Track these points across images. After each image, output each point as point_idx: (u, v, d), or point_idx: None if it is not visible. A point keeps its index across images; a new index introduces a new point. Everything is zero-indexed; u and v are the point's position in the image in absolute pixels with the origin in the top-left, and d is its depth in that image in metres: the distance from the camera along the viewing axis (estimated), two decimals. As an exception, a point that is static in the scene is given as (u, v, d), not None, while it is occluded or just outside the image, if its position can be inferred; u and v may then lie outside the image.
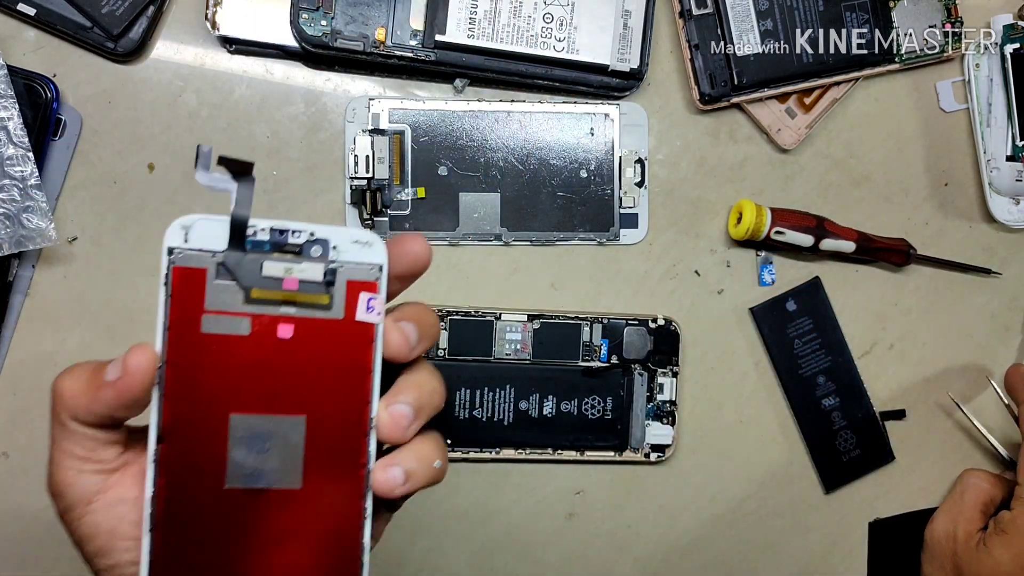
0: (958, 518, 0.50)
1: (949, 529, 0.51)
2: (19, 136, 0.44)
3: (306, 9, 0.46)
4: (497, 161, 0.50)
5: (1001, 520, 0.49)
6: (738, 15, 0.50)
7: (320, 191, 0.50)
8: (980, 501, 0.51)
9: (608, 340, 0.51)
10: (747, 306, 0.53)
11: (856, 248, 0.52)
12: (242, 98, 0.49)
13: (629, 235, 0.52)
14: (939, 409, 0.56)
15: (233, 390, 0.28)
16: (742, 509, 0.54)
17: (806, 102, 0.52)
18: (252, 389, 0.28)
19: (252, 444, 0.28)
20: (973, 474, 0.52)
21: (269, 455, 0.28)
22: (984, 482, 0.51)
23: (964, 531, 0.50)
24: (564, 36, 0.48)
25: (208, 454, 0.28)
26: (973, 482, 0.51)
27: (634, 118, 0.52)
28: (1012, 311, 0.56)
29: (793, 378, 0.53)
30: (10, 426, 0.48)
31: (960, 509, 0.51)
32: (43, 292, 0.48)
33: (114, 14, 0.46)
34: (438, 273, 0.51)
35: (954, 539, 0.50)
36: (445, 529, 0.51)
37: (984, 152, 0.54)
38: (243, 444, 0.28)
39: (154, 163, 0.49)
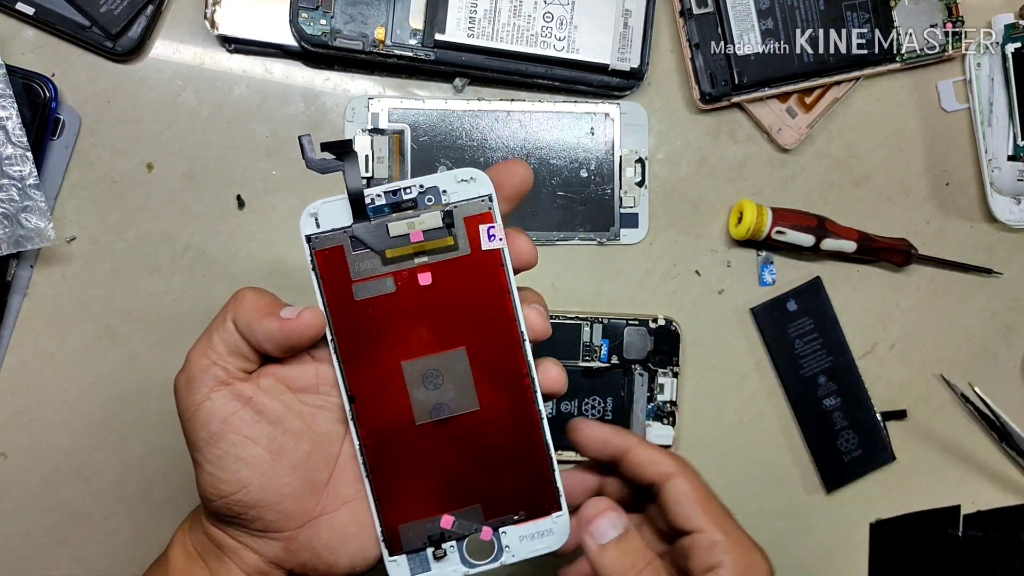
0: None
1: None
2: (18, 136, 0.44)
3: (305, 8, 0.46)
4: (497, 160, 0.50)
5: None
6: (739, 14, 0.50)
7: (320, 191, 0.49)
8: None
9: (608, 340, 0.51)
10: (748, 306, 0.53)
11: (857, 248, 0.52)
12: (241, 97, 0.49)
13: (629, 235, 0.52)
14: (940, 409, 0.56)
15: (397, 341, 0.32)
16: (743, 509, 0.53)
17: (807, 102, 0.52)
18: (412, 336, 0.32)
19: (427, 383, 0.32)
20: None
21: (444, 388, 0.32)
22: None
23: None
24: (564, 35, 0.48)
25: (394, 401, 0.32)
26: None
27: (634, 118, 0.52)
28: (1013, 311, 0.56)
29: (794, 378, 0.53)
30: (9, 426, 0.48)
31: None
32: (42, 292, 0.48)
33: (113, 13, 0.46)
34: (438, 273, 0.51)
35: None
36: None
37: (985, 151, 0.54)
38: (419, 385, 0.32)
39: (153, 163, 0.49)
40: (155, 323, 0.48)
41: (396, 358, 0.32)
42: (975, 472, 0.56)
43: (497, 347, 0.33)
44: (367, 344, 0.32)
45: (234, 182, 0.49)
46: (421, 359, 0.32)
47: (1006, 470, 0.56)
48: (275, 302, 0.32)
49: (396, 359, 0.32)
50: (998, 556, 0.56)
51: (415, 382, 0.32)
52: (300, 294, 0.50)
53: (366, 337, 0.32)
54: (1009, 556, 0.56)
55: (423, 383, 0.32)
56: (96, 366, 0.48)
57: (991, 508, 0.56)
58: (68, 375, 0.48)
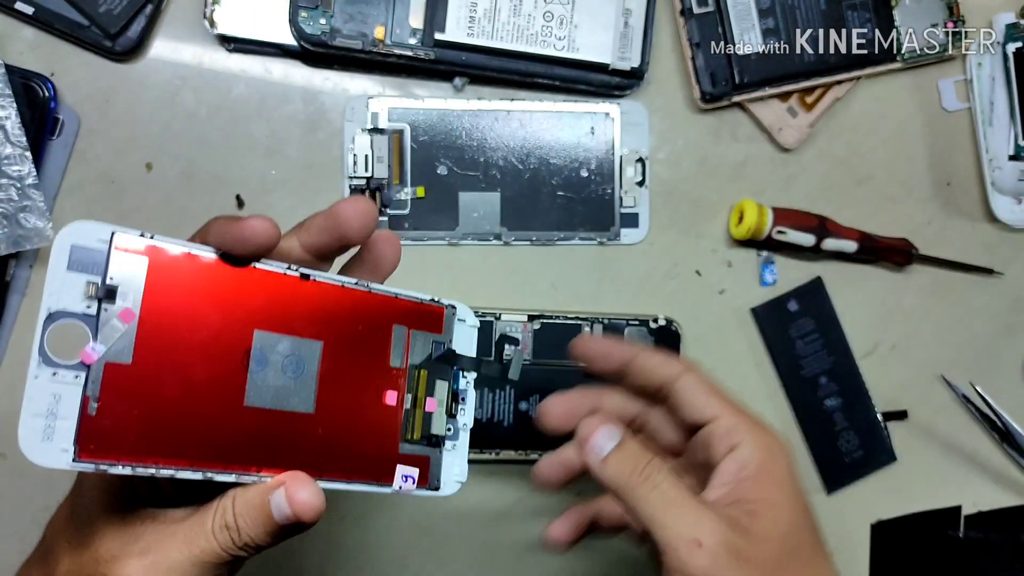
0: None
1: None
2: (16, 135, 0.44)
3: (305, 7, 0.46)
4: (497, 160, 0.50)
5: None
6: (739, 14, 0.50)
7: (319, 190, 0.50)
8: None
9: (609, 340, 0.51)
10: (748, 306, 0.53)
11: (858, 248, 0.52)
12: (241, 97, 0.49)
13: (630, 235, 0.52)
14: (941, 410, 0.56)
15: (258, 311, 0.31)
16: (743, 510, 0.54)
17: (808, 101, 0.52)
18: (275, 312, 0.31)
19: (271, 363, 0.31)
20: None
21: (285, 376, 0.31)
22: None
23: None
24: (564, 34, 0.48)
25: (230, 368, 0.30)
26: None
27: (635, 117, 0.51)
28: (1014, 311, 0.56)
29: (795, 378, 0.53)
30: (9, 426, 0.47)
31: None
32: (41, 292, 0.48)
33: (112, 13, 0.46)
34: (438, 273, 0.51)
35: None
36: (445, 530, 0.51)
37: (986, 151, 0.54)
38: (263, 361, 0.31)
39: (152, 162, 0.49)
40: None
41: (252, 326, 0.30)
42: (976, 473, 0.56)
43: (359, 361, 0.32)
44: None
45: (233, 182, 0.49)
46: (276, 334, 0.30)
47: (1007, 471, 0.56)
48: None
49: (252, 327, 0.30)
50: (999, 557, 0.56)
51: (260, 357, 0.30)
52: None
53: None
54: (1010, 557, 0.56)
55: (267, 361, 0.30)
56: (95, 366, 0.48)
57: (992, 509, 0.56)
58: (67, 375, 0.48)
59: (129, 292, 0.28)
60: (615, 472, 0.33)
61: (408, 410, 0.34)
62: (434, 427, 0.34)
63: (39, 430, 0.27)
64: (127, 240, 0.28)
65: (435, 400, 0.34)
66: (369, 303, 0.33)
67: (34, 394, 0.27)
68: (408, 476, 0.33)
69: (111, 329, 0.28)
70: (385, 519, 0.50)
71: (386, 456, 0.33)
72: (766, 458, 0.33)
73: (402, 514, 0.50)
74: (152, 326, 0.28)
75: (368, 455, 0.33)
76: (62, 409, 0.27)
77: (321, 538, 0.49)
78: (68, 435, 0.27)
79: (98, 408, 0.27)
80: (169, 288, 0.29)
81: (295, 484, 0.28)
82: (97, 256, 0.28)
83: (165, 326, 0.28)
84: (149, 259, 0.28)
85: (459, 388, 0.35)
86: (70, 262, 0.27)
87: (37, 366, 0.27)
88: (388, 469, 0.33)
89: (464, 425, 0.35)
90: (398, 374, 0.33)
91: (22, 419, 0.27)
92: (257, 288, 0.30)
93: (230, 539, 0.29)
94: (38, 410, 0.27)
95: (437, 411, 0.34)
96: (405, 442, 0.33)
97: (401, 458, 0.33)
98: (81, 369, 0.27)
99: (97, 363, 0.27)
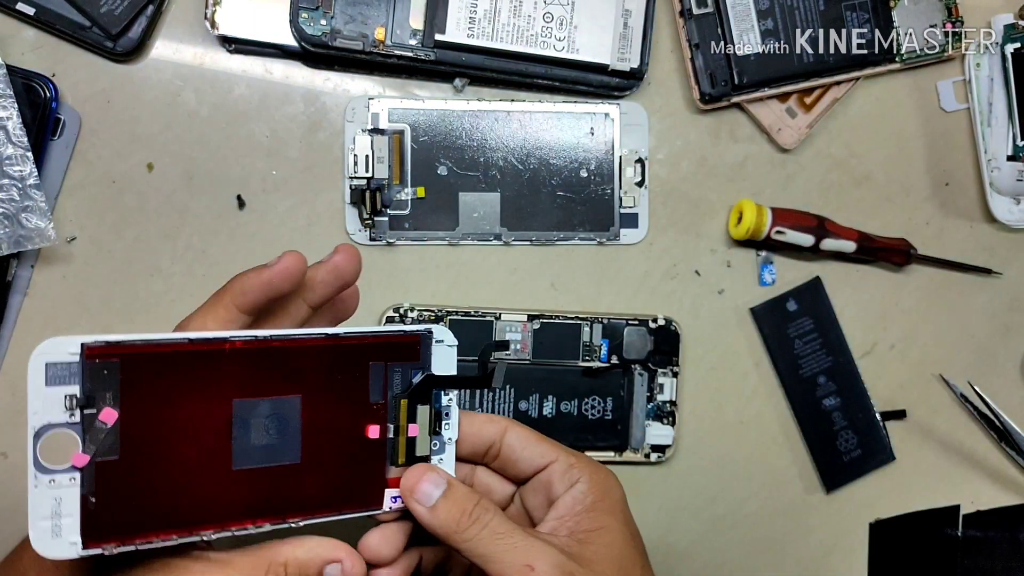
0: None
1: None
2: (18, 136, 0.44)
3: (305, 8, 0.46)
4: (497, 161, 0.50)
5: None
6: (738, 14, 0.50)
7: (319, 191, 0.50)
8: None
9: (608, 340, 0.51)
10: (747, 306, 0.53)
11: (857, 248, 0.52)
12: (241, 97, 0.49)
13: (629, 235, 0.52)
14: (940, 409, 0.56)
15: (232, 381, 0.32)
16: (742, 509, 0.54)
17: (807, 102, 0.52)
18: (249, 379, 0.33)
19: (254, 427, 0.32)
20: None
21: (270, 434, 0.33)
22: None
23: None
24: (564, 35, 0.48)
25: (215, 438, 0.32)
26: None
27: (634, 118, 0.52)
28: (1013, 311, 0.56)
29: (794, 378, 0.53)
30: (9, 426, 0.48)
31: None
32: (42, 292, 0.48)
33: (113, 13, 0.46)
34: (438, 273, 0.51)
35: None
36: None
37: (985, 152, 0.54)
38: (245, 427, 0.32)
39: (153, 163, 0.49)
40: (155, 323, 0.48)
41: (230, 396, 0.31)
42: (975, 472, 0.56)
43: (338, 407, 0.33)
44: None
45: (234, 182, 0.49)
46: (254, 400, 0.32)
47: (1005, 470, 0.56)
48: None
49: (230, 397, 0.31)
50: (997, 556, 0.56)
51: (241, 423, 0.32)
52: (300, 294, 0.50)
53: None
54: (1008, 556, 0.56)
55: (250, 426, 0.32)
56: (96, 366, 0.48)
57: (991, 508, 0.56)
58: (68, 375, 0.48)
59: (107, 393, 0.30)
60: (445, 518, 0.33)
61: (392, 438, 0.35)
62: (418, 450, 0.35)
63: (47, 530, 0.29)
64: (97, 348, 0.29)
65: (416, 425, 0.35)
66: (342, 349, 0.34)
67: (37, 501, 0.29)
68: (397, 497, 0.35)
69: (96, 431, 0.30)
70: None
71: (374, 483, 0.35)
72: (601, 492, 0.35)
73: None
74: (134, 420, 0.30)
75: (356, 487, 0.34)
76: (65, 508, 0.29)
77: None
78: (74, 530, 0.29)
79: (96, 503, 0.29)
80: (144, 381, 0.30)
81: (351, 564, 0.33)
82: (72, 368, 0.29)
83: (146, 416, 0.30)
84: (120, 360, 0.30)
85: (441, 406, 0.36)
86: (47, 379, 0.30)
87: (35, 476, 0.29)
88: (377, 495, 0.35)
89: (449, 439, 0.36)
90: (379, 408, 0.35)
91: (31, 522, 0.29)
92: (228, 360, 0.32)
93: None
94: (44, 513, 0.29)
95: (420, 435, 0.35)
96: (393, 466, 0.35)
97: (389, 482, 0.35)
98: (75, 472, 0.30)
99: (88, 464, 0.29)
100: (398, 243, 0.50)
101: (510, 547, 0.32)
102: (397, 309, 0.49)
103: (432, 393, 0.36)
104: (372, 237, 0.50)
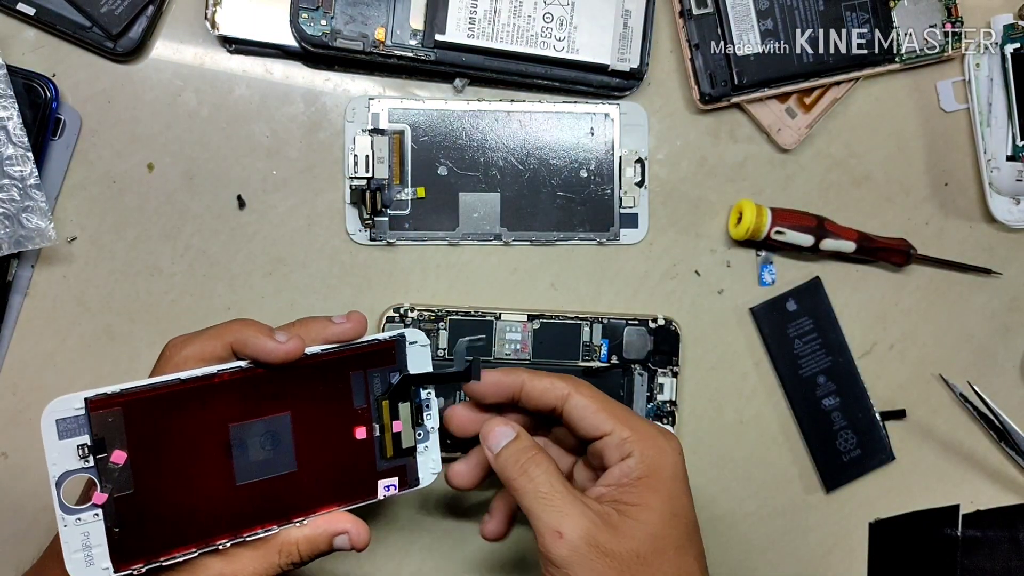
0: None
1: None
2: (18, 136, 0.44)
3: (306, 9, 0.46)
4: (497, 161, 0.50)
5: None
6: (738, 15, 0.50)
7: (320, 191, 0.50)
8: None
9: (608, 340, 0.51)
10: (747, 306, 0.53)
11: (856, 248, 0.52)
12: (242, 98, 0.49)
13: (629, 235, 0.52)
14: (939, 409, 0.56)
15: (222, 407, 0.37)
16: (742, 509, 0.54)
17: (806, 102, 0.52)
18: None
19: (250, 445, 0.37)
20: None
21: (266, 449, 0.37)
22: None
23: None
24: (564, 36, 0.48)
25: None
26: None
27: (634, 118, 0.52)
28: (1012, 311, 0.56)
29: (793, 378, 0.53)
30: (10, 426, 0.48)
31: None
32: (43, 292, 0.48)
33: (113, 14, 0.46)
34: (438, 273, 0.51)
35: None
36: (445, 529, 0.51)
37: (984, 152, 0.54)
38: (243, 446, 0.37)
39: (153, 163, 0.49)
40: (155, 323, 0.49)
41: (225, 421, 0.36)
42: (974, 472, 0.56)
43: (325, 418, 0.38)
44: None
45: (234, 182, 0.49)
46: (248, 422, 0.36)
47: (1005, 470, 0.56)
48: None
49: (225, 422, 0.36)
50: (997, 556, 0.56)
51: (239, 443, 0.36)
52: (299, 294, 0.50)
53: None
54: (1008, 556, 0.56)
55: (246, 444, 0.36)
56: (96, 366, 0.48)
57: (990, 508, 0.56)
58: (68, 375, 0.48)
59: (115, 438, 0.34)
60: (502, 465, 0.37)
61: (378, 436, 0.39)
62: (404, 442, 0.40)
63: (81, 561, 0.33)
64: (100, 400, 0.33)
65: (400, 422, 0.39)
66: (322, 365, 0.38)
67: (68, 538, 0.33)
68: (390, 486, 0.39)
69: (110, 471, 0.33)
70: (386, 517, 0.50)
71: (367, 477, 0.39)
72: (649, 469, 0.37)
73: (402, 512, 0.50)
74: (142, 456, 0.34)
75: (351, 482, 0.39)
76: (93, 540, 0.33)
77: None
78: (104, 558, 0.34)
79: (120, 532, 0.34)
80: (146, 421, 0.34)
81: (357, 531, 0.38)
82: (79, 421, 0.33)
83: (153, 451, 0.34)
84: (122, 407, 0.34)
85: (421, 400, 0.40)
86: (59, 433, 0.33)
87: (62, 518, 0.33)
88: (371, 486, 0.39)
89: (432, 428, 0.41)
90: (363, 411, 0.39)
91: (65, 556, 0.33)
92: (222, 391, 0.36)
93: (290, 565, 0.37)
94: (76, 547, 0.33)
95: (404, 429, 0.39)
96: (382, 460, 0.39)
97: (380, 474, 0.39)
98: (96, 509, 0.33)
99: (108, 501, 0.33)
100: (398, 243, 0.50)
101: (547, 507, 0.35)
102: (397, 310, 0.49)
103: (412, 390, 0.40)
104: (372, 237, 0.50)
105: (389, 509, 0.50)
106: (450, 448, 0.50)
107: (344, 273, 0.50)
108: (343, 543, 0.38)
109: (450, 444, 0.49)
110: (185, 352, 0.36)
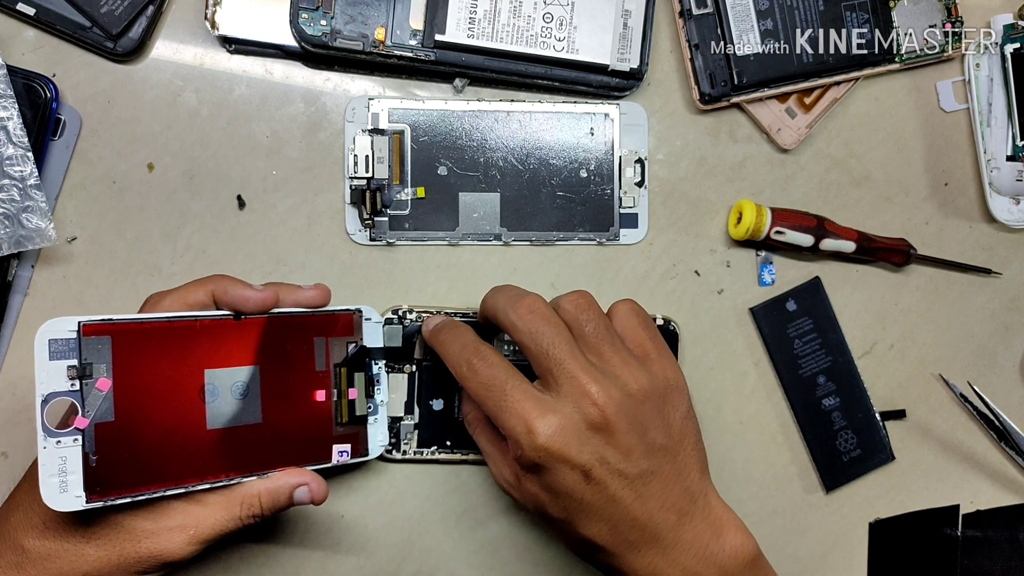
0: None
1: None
2: (18, 136, 0.44)
3: (306, 9, 0.46)
4: (497, 161, 0.50)
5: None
6: (738, 15, 0.50)
7: (320, 191, 0.50)
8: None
9: (608, 340, 0.51)
10: (747, 306, 0.53)
11: (856, 248, 0.52)
12: (242, 98, 0.49)
13: (629, 235, 0.52)
14: (939, 409, 0.56)
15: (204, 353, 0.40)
16: (742, 509, 0.54)
17: (806, 102, 0.52)
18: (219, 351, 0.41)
19: (222, 392, 0.40)
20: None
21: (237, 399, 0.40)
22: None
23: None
24: (564, 36, 0.48)
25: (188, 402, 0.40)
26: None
27: (634, 118, 0.52)
28: (1012, 311, 0.56)
29: (793, 378, 0.53)
30: (10, 425, 0.48)
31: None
32: (43, 292, 0.48)
33: (113, 14, 0.46)
34: (438, 273, 0.51)
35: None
36: (445, 529, 0.51)
37: (984, 152, 0.54)
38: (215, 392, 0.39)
39: (154, 163, 0.49)
40: (155, 323, 0.49)
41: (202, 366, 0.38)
42: (974, 472, 0.56)
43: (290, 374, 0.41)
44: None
45: (234, 182, 0.49)
46: (223, 369, 0.39)
47: (1005, 470, 0.56)
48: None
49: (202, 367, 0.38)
50: (997, 556, 0.56)
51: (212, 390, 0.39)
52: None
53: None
54: (1008, 556, 0.56)
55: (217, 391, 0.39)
56: (96, 366, 0.48)
57: (990, 508, 0.56)
58: (69, 375, 0.48)
59: (102, 365, 0.35)
60: (433, 332, 0.44)
61: (336, 401, 0.42)
62: (357, 410, 0.43)
63: (56, 486, 0.34)
64: (92, 326, 0.35)
65: (355, 390, 0.43)
66: (291, 325, 0.41)
67: (46, 460, 0.34)
68: (343, 451, 0.43)
69: (94, 398, 0.35)
70: (386, 516, 0.50)
71: (324, 439, 0.42)
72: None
73: (402, 512, 0.50)
74: (125, 387, 0.36)
75: (310, 442, 0.42)
76: (70, 466, 0.34)
77: (322, 536, 0.49)
78: (78, 485, 0.34)
79: (96, 460, 0.35)
80: (132, 354, 0.36)
81: (316, 485, 0.41)
82: (71, 344, 0.35)
83: (135, 384, 0.36)
84: (112, 336, 0.36)
85: (373, 374, 0.44)
86: (50, 353, 0.34)
87: (43, 439, 0.34)
88: (327, 449, 0.42)
89: (382, 402, 0.45)
90: (324, 375, 0.42)
91: (41, 479, 0.34)
92: (201, 336, 0.38)
93: (251, 518, 0.39)
94: (52, 471, 0.34)
95: (358, 397, 0.43)
96: (337, 425, 0.43)
97: (335, 438, 0.43)
98: (77, 434, 0.34)
99: (88, 427, 0.35)
100: (398, 243, 0.50)
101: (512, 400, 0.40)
102: (396, 311, 0.49)
103: (367, 362, 0.44)
104: (372, 237, 0.50)
105: (389, 509, 0.50)
106: (452, 448, 0.50)
107: (344, 273, 0.50)
108: (303, 496, 0.40)
109: (450, 445, 0.49)
110: (165, 302, 0.39)
